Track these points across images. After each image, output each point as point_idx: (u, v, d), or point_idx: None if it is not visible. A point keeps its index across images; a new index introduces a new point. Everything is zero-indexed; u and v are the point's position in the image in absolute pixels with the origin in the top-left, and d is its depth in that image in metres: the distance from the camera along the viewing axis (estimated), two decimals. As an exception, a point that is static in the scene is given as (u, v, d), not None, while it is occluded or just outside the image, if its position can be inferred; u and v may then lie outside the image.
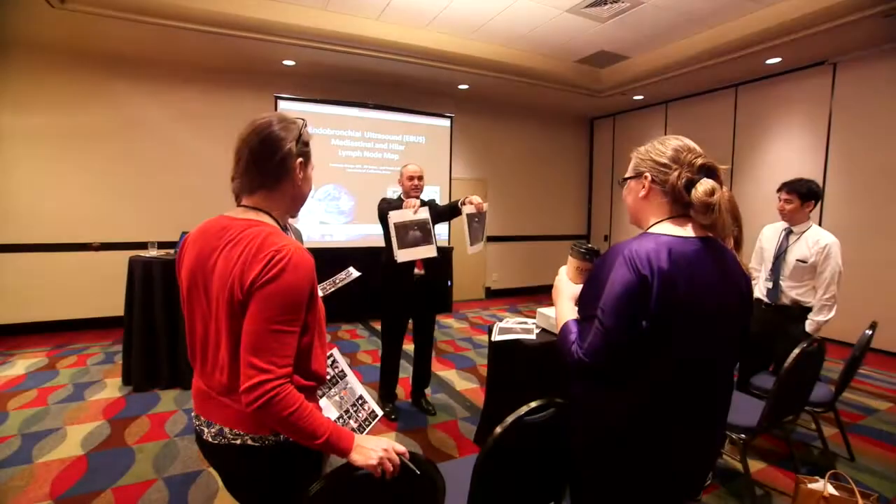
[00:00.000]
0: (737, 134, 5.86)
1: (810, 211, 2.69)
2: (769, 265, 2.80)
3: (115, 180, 5.08)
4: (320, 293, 1.89)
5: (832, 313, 2.59)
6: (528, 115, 7.47)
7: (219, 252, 1.00)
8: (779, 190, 2.75)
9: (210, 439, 1.04)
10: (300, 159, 1.07)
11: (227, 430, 1.02)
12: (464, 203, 2.71)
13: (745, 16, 4.38)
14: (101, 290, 5.00)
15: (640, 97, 6.55)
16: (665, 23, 4.57)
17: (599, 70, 6.06)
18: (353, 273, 2.16)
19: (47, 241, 4.85)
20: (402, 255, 2.66)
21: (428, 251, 2.73)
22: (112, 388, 3.41)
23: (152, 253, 3.66)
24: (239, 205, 1.08)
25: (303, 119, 1.12)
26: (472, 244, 2.71)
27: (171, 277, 3.39)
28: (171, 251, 3.75)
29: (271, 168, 1.04)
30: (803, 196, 2.64)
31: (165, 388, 3.40)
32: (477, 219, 2.71)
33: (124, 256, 3.75)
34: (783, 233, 2.77)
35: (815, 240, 2.62)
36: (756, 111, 5.65)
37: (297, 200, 1.13)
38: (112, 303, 4.81)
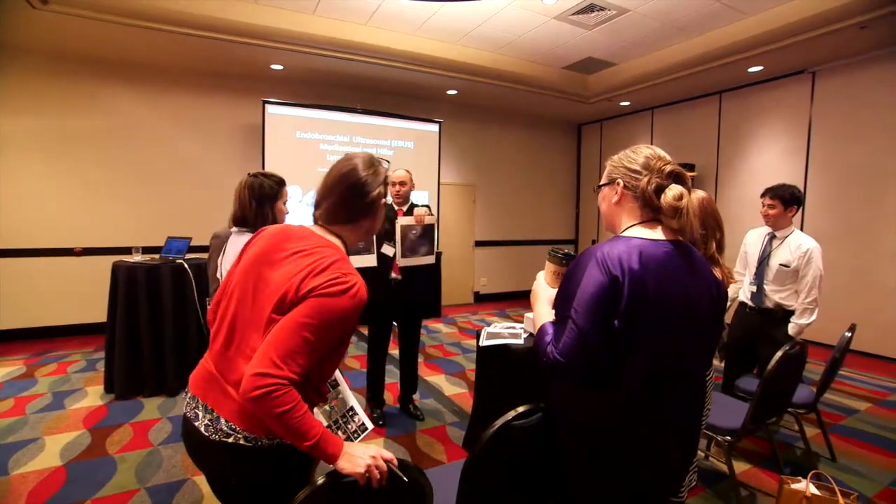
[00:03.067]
0: (721, 140, 5.97)
1: (793, 216, 2.74)
2: (753, 269, 2.85)
3: (99, 184, 4.99)
4: None
5: (814, 317, 2.64)
6: (517, 120, 7.53)
7: (290, 254, 1.05)
8: (762, 195, 2.80)
9: (202, 429, 1.03)
10: (383, 200, 1.19)
11: (223, 421, 1.01)
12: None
13: (728, 25, 4.48)
14: (83, 296, 4.90)
15: (627, 103, 6.64)
16: (651, 31, 4.65)
17: (587, 76, 6.14)
18: None
19: (27, 247, 4.74)
20: (403, 261, 2.74)
21: (427, 259, 2.81)
22: (93, 397, 3.34)
23: (137, 258, 3.59)
24: (316, 223, 1.18)
25: (388, 161, 1.23)
26: (403, 256, 2.82)
27: (155, 283, 3.34)
28: (156, 256, 3.69)
29: (360, 208, 1.15)
30: (786, 201, 2.69)
31: (149, 395, 3.33)
32: (415, 231, 2.82)
33: (107, 262, 3.68)
34: (767, 238, 2.81)
35: (798, 244, 2.67)
36: (739, 118, 5.76)
37: (370, 233, 1.24)
38: (94, 309, 4.73)
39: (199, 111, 5.40)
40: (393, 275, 2.93)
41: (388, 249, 2.86)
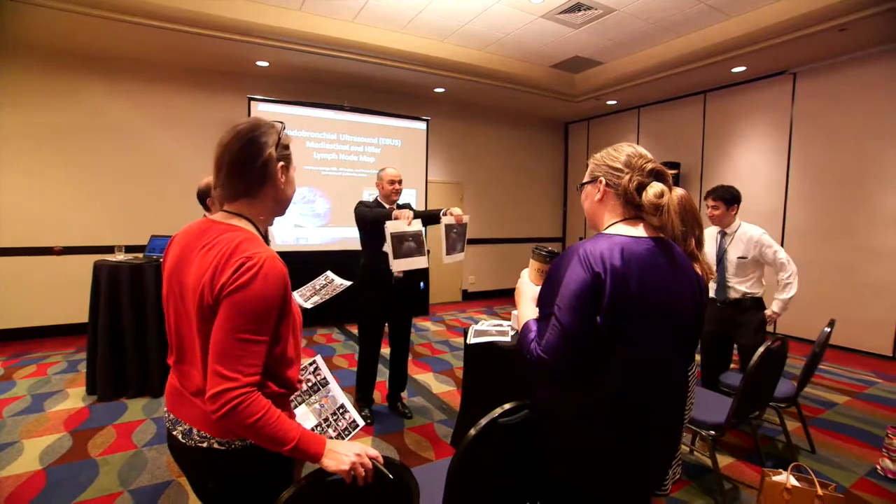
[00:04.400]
0: (706, 138, 6.05)
1: (735, 213, 2.92)
2: (713, 267, 2.95)
3: (80, 181, 4.88)
4: (309, 305, 1.85)
5: (795, 290, 2.79)
6: (504, 118, 7.55)
7: (195, 254, 1.00)
8: (705, 198, 2.98)
9: (180, 437, 1.03)
10: (281, 163, 1.07)
11: (195, 430, 1.01)
12: (445, 214, 2.80)
13: (712, 25, 4.54)
14: (64, 296, 4.79)
15: (614, 102, 6.70)
16: (637, 30, 4.69)
17: (574, 75, 6.17)
18: (343, 282, 2.11)
19: (4, 246, 4.62)
20: (397, 265, 2.70)
21: (421, 262, 2.79)
22: (75, 399, 3.27)
23: (119, 257, 3.53)
24: (221, 209, 1.08)
25: (281, 122, 1.12)
26: (447, 253, 2.84)
27: (138, 282, 3.28)
28: (140, 255, 3.62)
29: (253, 174, 1.04)
30: (728, 201, 2.88)
31: (133, 396, 3.27)
32: (455, 230, 2.84)
33: (89, 261, 3.60)
34: (718, 236, 2.98)
35: (749, 236, 2.86)
36: (723, 117, 5.85)
37: (280, 204, 1.12)
38: (75, 309, 4.63)
39: (183, 108, 5.30)
40: (396, 273, 2.92)
41: (388, 248, 2.86)
